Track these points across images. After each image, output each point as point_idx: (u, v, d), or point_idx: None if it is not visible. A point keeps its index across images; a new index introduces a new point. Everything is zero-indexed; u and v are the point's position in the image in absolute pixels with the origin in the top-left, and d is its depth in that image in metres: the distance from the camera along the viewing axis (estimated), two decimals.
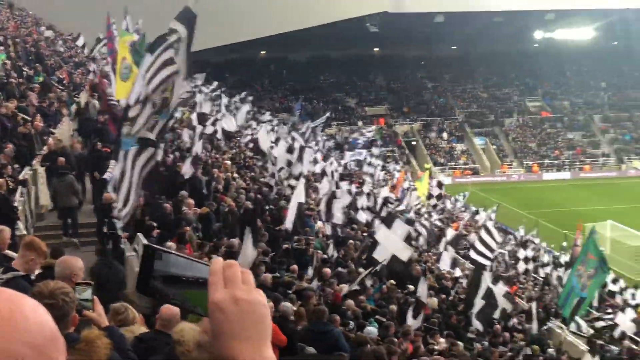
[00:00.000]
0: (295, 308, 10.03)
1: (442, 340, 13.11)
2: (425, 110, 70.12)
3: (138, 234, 12.06)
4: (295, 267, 13.62)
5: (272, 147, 26.56)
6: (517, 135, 67.37)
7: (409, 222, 21.86)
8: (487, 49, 74.03)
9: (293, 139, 33.25)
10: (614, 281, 27.63)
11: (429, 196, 37.87)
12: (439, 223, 31.50)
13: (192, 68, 17.67)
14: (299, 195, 16.90)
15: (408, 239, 16.65)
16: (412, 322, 13.20)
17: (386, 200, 27.74)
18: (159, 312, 5.69)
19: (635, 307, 24.21)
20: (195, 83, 35.30)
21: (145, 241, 11.27)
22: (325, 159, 35.93)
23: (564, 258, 31.63)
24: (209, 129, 24.10)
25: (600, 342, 17.08)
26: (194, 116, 25.01)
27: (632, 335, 19.27)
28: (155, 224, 12.39)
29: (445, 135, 66.72)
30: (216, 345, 1.23)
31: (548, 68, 75.33)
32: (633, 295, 26.44)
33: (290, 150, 26.95)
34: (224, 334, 1.23)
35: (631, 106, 71.17)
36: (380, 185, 37.03)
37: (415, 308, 13.75)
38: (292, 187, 20.09)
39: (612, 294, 25.86)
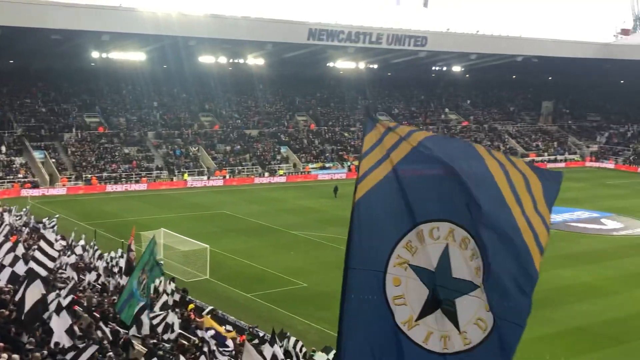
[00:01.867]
0: None
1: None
2: None
3: None
4: None
5: None
6: (77, 149, 69.68)
7: None
8: (46, 64, 74.92)
9: None
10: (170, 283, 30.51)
11: None
12: None
13: None
14: None
15: None
16: None
17: None
18: None
19: (185, 304, 27.60)
20: None
21: None
22: None
23: (121, 264, 33.89)
24: None
25: (154, 340, 18.53)
26: None
27: (182, 331, 21.13)
28: None
29: (3, 148, 65.94)
30: None
31: (105, 86, 79.64)
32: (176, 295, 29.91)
33: None
34: None
35: (180, 124, 78.93)
36: None
37: None
38: None
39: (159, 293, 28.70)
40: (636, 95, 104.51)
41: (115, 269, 30.33)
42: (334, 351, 15.77)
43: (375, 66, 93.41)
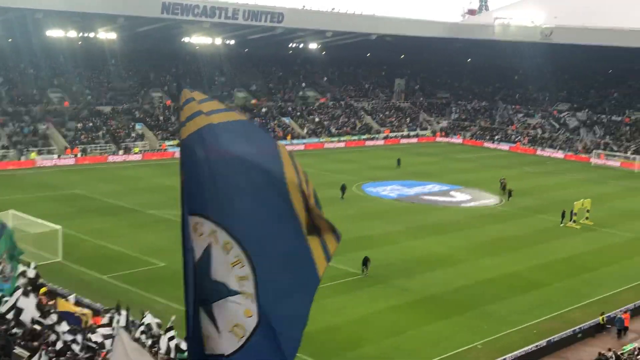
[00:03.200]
0: None
1: None
2: None
3: None
4: None
5: None
6: None
7: None
8: None
9: None
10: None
11: None
12: None
13: None
14: None
15: None
16: None
17: None
18: None
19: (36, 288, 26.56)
20: None
21: None
22: None
23: None
24: None
25: (4, 326, 18.33)
26: None
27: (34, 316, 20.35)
28: None
29: None
30: None
31: None
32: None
33: None
34: None
35: (28, 101, 74.81)
36: None
37: None
38: None
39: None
40: (482, 73, 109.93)
41: None
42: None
43: (232, 42, 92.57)
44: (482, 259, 41.19)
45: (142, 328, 21.88)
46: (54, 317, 20.06)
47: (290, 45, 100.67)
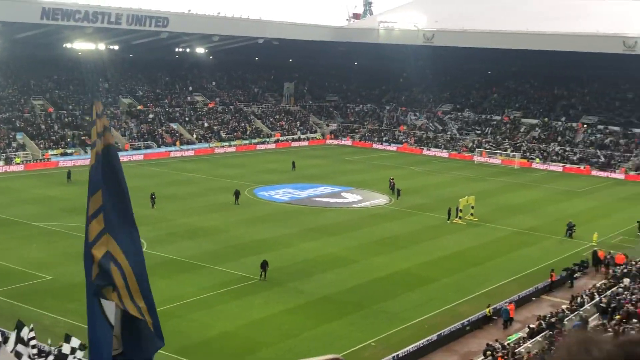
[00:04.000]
0: None
1: None
2: None
3: None
4: None
5: None
6: None
7: None
8: None
9: None
10: None
11: None
12: None
13: None
14: None
15: None
16: None
17: None
18: None
19: None
20: None
21: None
22: None
23: None
24: None
25: None
26: None
27: None
28: None
29: None
30: None
31: None
32: None
33: None
34: None
35: None
36: None
37: None
38: None
39: None
40: (369, 76, 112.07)
41: None
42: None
43: (117, 47, 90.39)
44: (374, 258, 42.02)
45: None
46: None
47: (176, 50, 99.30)
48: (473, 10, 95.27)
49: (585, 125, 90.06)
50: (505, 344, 27.84)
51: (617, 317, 25.84)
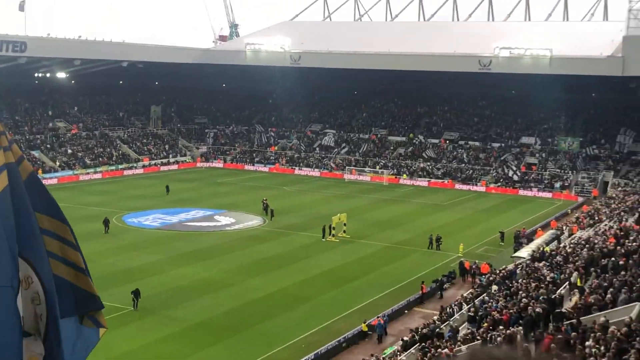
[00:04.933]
0: None
1: None
2: None
3: None
4: None
5: None
6: None
7: None
8: None
9: None
10: None
11: None
12: None
13: None
14: None
15: None
16: None
17: None
18: None
19: None
20: None
21: None
22: None
23: None
24: None
25: None
26: None
27: None
28: None
29: None
30: None
31: None
32: None
33: None
34: None
35: None
36: None
37: None
38: None
39: None
40: (238, 97, 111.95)
41: None
42: None
43: None
44: (250, 280, 41.76)
45: None
46: None
47: (36, 75, 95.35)
48: (337, 34, 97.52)
49: (447, 142, 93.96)
50: (381, 358, 28.30)
51: (485, 325, 26.86)
